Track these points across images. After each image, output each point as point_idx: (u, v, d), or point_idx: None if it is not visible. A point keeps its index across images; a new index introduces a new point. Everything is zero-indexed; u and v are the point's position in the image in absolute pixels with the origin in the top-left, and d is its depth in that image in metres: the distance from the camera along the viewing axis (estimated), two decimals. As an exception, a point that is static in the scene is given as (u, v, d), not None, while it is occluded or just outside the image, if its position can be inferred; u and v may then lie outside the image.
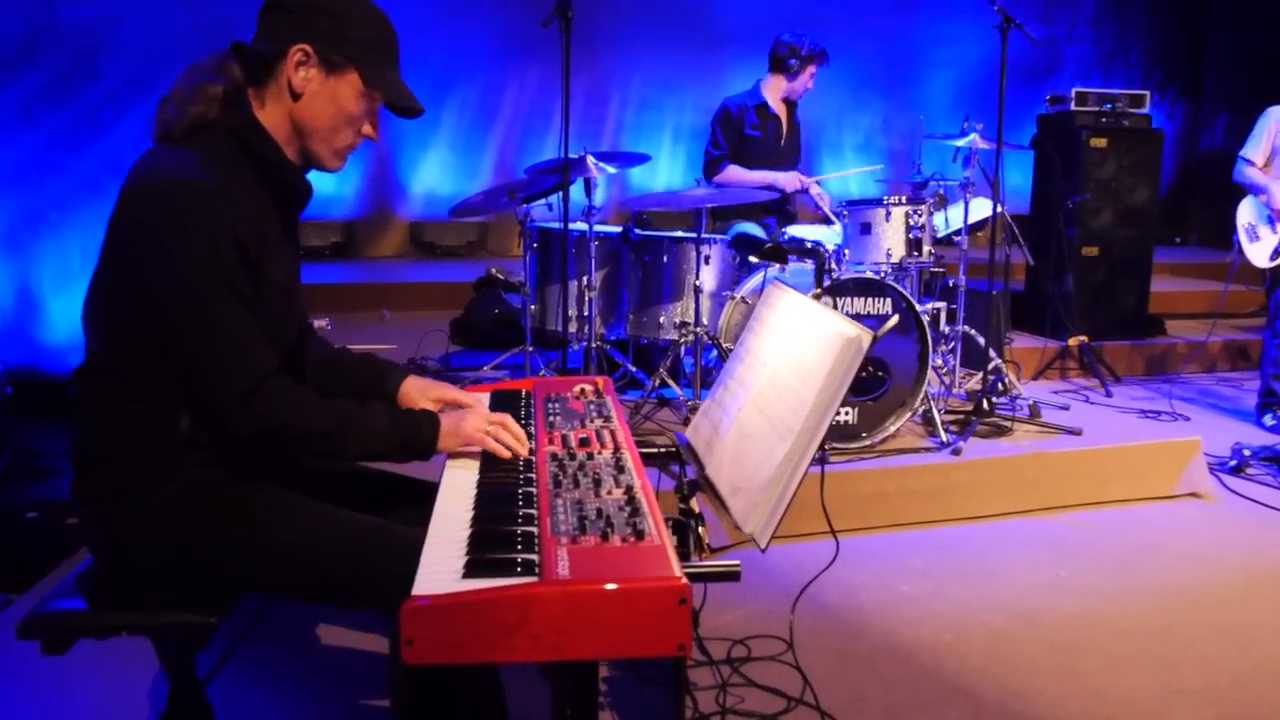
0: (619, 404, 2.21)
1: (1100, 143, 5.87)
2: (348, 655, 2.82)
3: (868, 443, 3.90)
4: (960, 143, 4.34)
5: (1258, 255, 4.93)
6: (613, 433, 1.95)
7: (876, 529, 3.72)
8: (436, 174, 8.06)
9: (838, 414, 3.78)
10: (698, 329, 4.09)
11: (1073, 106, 5.91)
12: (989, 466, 3.89)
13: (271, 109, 1.79)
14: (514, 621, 1.29)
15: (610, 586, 1.30)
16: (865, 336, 1.59)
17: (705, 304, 4.16)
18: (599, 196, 4.21)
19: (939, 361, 4.51)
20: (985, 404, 4.14)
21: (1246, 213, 5.01)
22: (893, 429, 3.93)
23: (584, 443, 1.88)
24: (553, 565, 1.36)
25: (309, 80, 1.77)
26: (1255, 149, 4.93)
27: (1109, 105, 5.91)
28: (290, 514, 1.77)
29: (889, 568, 3.42)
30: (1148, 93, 6.04)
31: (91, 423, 1.76)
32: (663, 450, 2.23)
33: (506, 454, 1.83)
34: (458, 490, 1.73)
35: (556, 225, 4.36)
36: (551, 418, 2.07)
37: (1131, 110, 5.95)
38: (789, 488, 1.65)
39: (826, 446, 3.73)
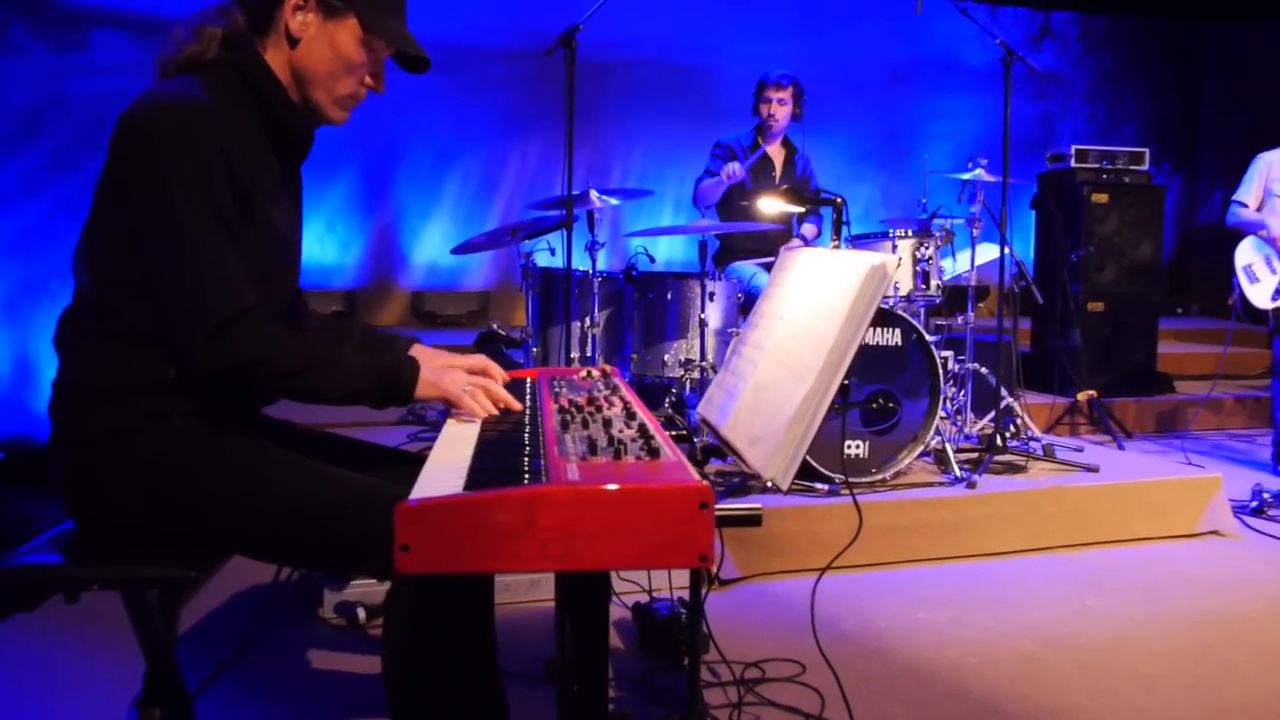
0: (627, 385, 2.12)
1: (1102, 198, 5.88)
2: (339, 679, 2.66)
3: (879, 477, 3.78)
4: (965, 176, 4.32)
5: (1258, 296, 4.88)
6: (623, 397, 1.85)
7: (890, 564, 3.57)
8: (438, 244, 8.06)
9: (849, 447, 3.68)
10: (703, 363, 4.00)
11: (1073, 164, 5.94)
12: (1005, 500, 3.76)
13: (272, 57, 1.74)
14: (519, 524, 1.18)
15: (625, 485, 1.20)
16: (890, 262, 1.51)
17: (710, 341, 4.08)
18: (602, 257, 4.20)
19: (949, 392, 4.40)
20: (999, 440, 4.03)
21: (1245, 254, 4.98)
22: (905, 463, 3.81)
23: (593, 402, 1.79)
24: (561, 472, 1.26)
25: (307, 25, 1.71)
26: (1248, 192, 4.96)
27: (1108, 162, 5.94)
28: (278, 467, 1.66)
29: (906, 598, 3.27)
30: (1147, 150, 6.08)
31: (73, 366, 1.67)
32: (674, 434, 2.13)
33: (483, 414, 1.75)
34: (457, 439, 1.62)
35: (559, 267, 4.32)
36: (557, 390, 1.97)
37: (1131, 167, 5.98)
38: (811, 426, 1.56)
39: (837, 479, 3.63)
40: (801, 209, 3.75)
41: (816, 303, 1.69)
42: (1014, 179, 4.22)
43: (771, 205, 3.83)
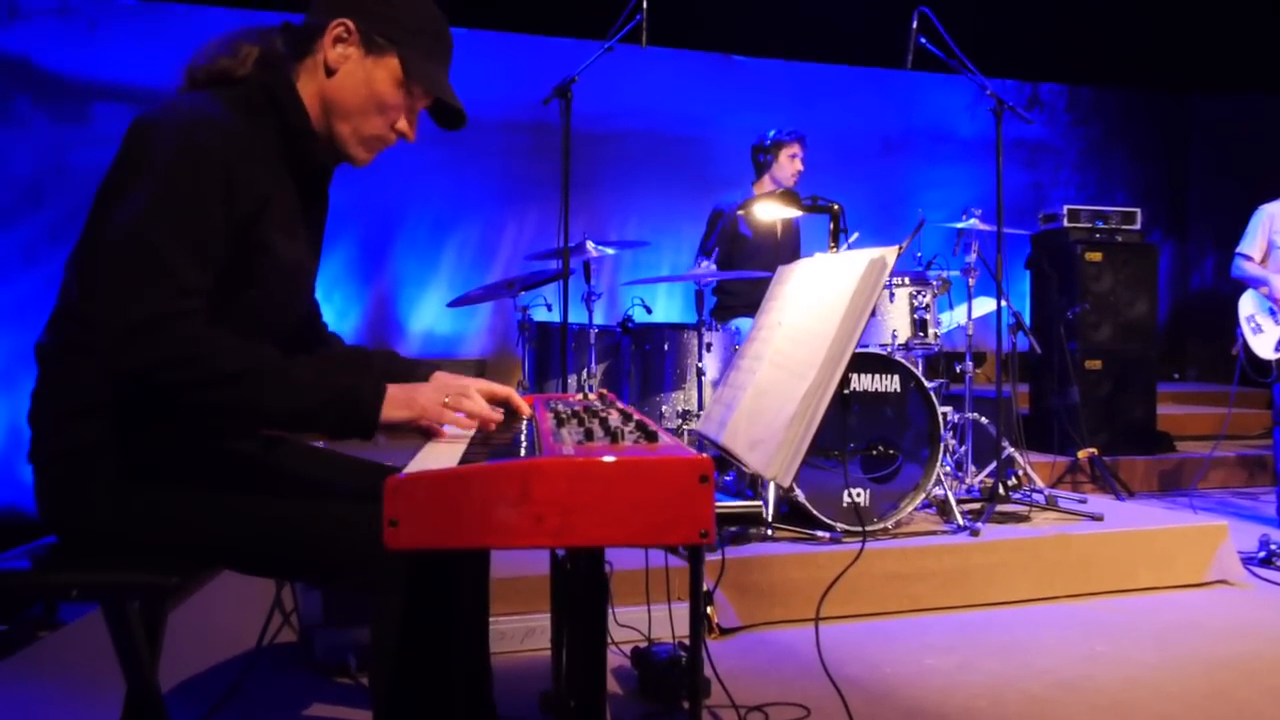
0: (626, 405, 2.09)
1: (1095, 257, 5.90)
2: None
3: (880, 526, 3.72)
4: (960, 225, 4.34)
5: (1261, 347, 4.87)
6: (620, 408, 1.82)
7: (894, 613, 3.50)
8: (435, 313, 8.07)
9: (851, 495, 3.63)
10: (701, 414, 3.97)
11: (1065, 223, 5.98)
12: (1010, 548, 3.69)
13: (305, 83, 1.70)
14: (513, 496, 1.14)
15: (622, 457, 1.16)
16: (890, 253, 1.49)
17: (708, 391, 4.05)
18: (599, 312, 4.20)
19: (950, 443, 4.36)
20: (1001, 489, 3.98)
21: (1248, 305, 4.99)
22: (907, 511, 3.75)
23: (590, 410, 1.75)
24: (557, 450, 1.22)
25: (346, 57, 1.68)
26: (1251, 244, 4.98)
27: (1101, 222, 5.98)
28: (263, 476, 1.62)
29: (911, 645, 3.19)
30: (1138, 210, 6.12)
31: (52, 377, 1.63)
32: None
33: (471, 424, 1.59)
34: (445, 446, 1.58)
35: (555, 321, 4.31)
36: (554, 406, 1.94)
37: (1124, 227, 6.02)
38: (812, 422, 1.51)
39: (838, 528, 3.57)
40: (798, 213, 3.74)
41: (815, 304, 1.67)
42: (1008, 238, 4.24)
43: (767, 210, 3.82)
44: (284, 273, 1.69)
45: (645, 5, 3.72)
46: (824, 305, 1.62)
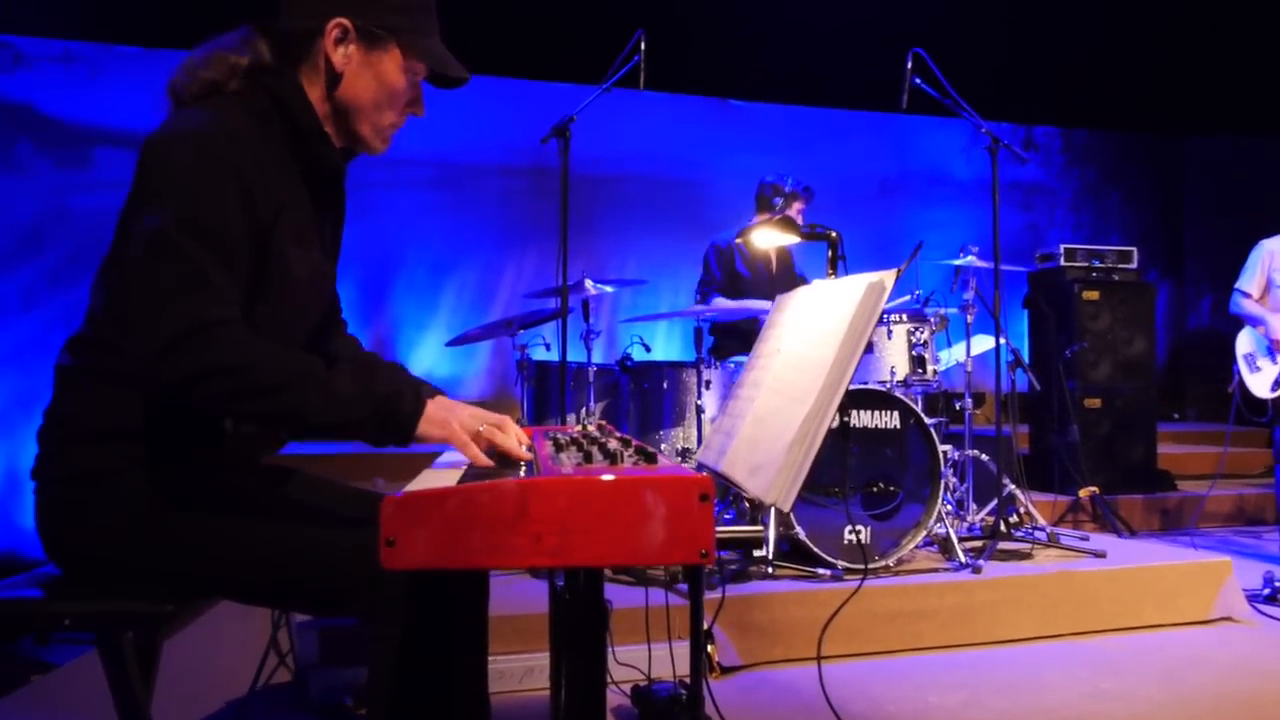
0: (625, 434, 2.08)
1: (1093, 295, 5.91)
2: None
3: (882, 563, 3.69)
4: (958, 262, 4.35)
5: (1258, 386, 4.86)
6: (618, 436, 1.81)
7: (897, 652, 3.46)
8: (434, 354, 8.07)
9: (851, 532, 3.60)
10: (699, 450, 3.95)
11: (1062, 262, 5.99)
12: (1013, 585, 3.66)
13: (308, 88, 1.69)
14: (510, 515, 1.13)
15: (622, 476, 1.15)
16: (888, 277, 1.49)
17: (708, 429, 4.04)
18: (598, 350, 4.20)
19: (950, 481, 4.33)
20: (1003, 526, 3.96)
21: (1245, 343, 4.99)
22: (908, 548, 3.72)
23: (588, 437, 1.74)
24: (556, 470, 1.21)
25: (349, 58, 1.66)
26: (1250, 281, 4.98)
27: (1097, 261, 6.00)
28: (264, 506, 1.61)
29: (915, 683, 3.15)
30: (1134, 249, 6.15)
31: (67, 397, 1.62)
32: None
33: (488, 462, 1.56)
34: (444, 470, 1.57)
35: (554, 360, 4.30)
36: (552, 435, 1.93)
37: (1120, 265, 6.03)
38: (812, 446, 1.50)
39: (839, 565, 3.54)
40: (795, 239, 3.75)
41: (814, 330, 1.67)
42: (1005, 276, 4.26)
43: (765, 237, 3.81)
44: (302, 277, 1.68)
45: (643, 49, 3.75)
46: (823, 331, 1.62)
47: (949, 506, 4.16)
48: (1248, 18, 8.21)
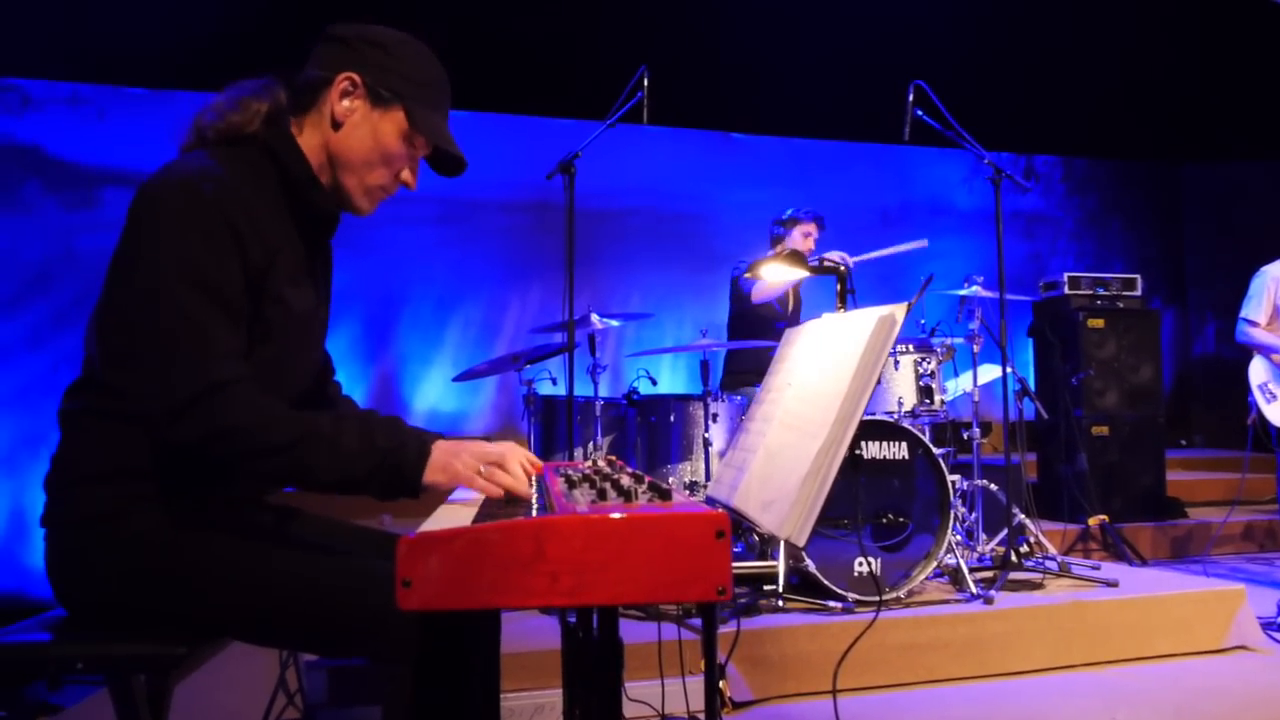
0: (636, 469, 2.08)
1: (1098, 323, 5.91)
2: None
3: (893, 595, 3.67)
4: (963, 292, 4.36)
5: (1276, 415, 4.84)
6: (631, 472, 1.81)
7: (909, 684, 3.43)
8: (439, 390, 8.07)
9: (860, 565, 3.59)
10: (708, 485, 3.94)
11: (1066, 290, 6.00)
12: (1024, 616, 3.63)
13: (309, 135, 1.72)
14: (527, 555, 1.12)
15: (637, 514, 1.15)
16: (899, 310, 1.50)
17: (715, 462, 4.03)
18: (604, 384, 4.20)
19: (959, 511, 4.32)
20: (1013, 556, 3.94)
21: (1259, 372, 4.96)
22: (919, 580, 3.70)
23: (600, 473, 1.74)
24: (570, 508, 1.21)
25: (352, 110, 1.70)
26: (1256, 309, 4.97)
27: (1101, 289, 6.01)
28: (273, 548, 1.60)
29: (929, 716, 3.13)
30: (1138, 276, 6.15)
31: (72, 442, 1.62)
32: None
33: (499, 493, 1.59)
34: (460, 507, 1.57)
35: (561, 395, 4.31)
36: (563, 472, 1.93)
37: (1125, 293, 6.04)
38: (826, 481, 1.50)
39: (850, 597, 3.52)
40: (805, 274, 3.75)
41: (825, 364, 1.67)
42: (1010, 306, 4.27)
43: (775, 271, 3.83)
44: (297, 324, 1.71)
45: (646, 84, 3.79)
46: (834, 365, 1.62)
47: (959, 537, 4.14)
48: (1243, 45, 8.27)
